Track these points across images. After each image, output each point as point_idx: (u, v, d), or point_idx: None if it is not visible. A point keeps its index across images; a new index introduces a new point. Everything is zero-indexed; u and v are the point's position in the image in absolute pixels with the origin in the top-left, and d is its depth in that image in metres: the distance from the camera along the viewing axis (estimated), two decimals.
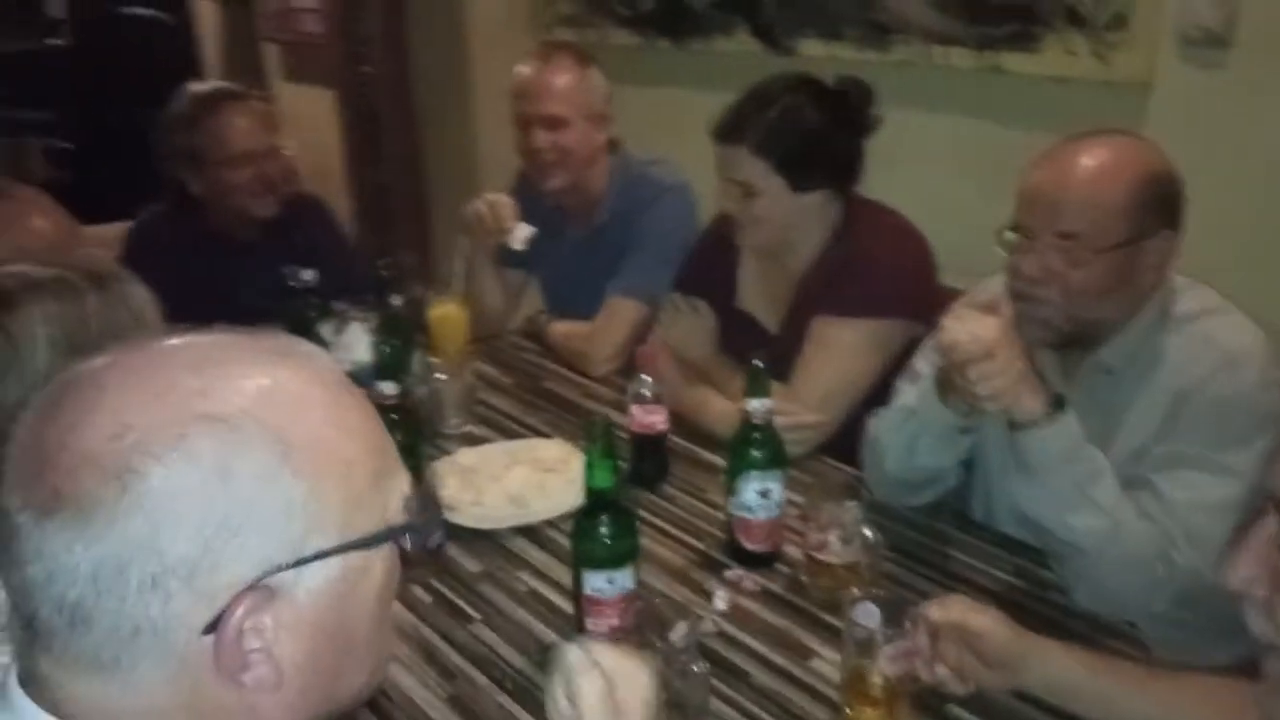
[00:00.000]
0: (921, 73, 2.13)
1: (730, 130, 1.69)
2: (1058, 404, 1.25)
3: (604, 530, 1.19)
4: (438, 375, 1.81)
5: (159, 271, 2.25)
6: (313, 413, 0.63)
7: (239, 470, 0.58)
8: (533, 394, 1.99)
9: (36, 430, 0.59)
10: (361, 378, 1.70)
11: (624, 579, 1.20)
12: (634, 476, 1.64)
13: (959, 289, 1.56)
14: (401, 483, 0.68)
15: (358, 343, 1.85)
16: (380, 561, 0.66)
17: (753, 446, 1.38)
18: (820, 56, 2.21)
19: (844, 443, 1.64)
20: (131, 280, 1.05)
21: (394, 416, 1.45)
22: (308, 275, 1.91)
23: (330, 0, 3.56)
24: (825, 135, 1.70)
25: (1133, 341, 1.35)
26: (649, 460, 1.64)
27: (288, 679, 0.62)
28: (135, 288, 1.03)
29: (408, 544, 0.69)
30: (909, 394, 1.47)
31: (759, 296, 1.89)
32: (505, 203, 2.09)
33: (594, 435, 1.17)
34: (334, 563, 0.62)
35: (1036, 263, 1.31)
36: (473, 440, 1.78)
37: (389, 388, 1.46)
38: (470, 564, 1.45)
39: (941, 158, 2.16)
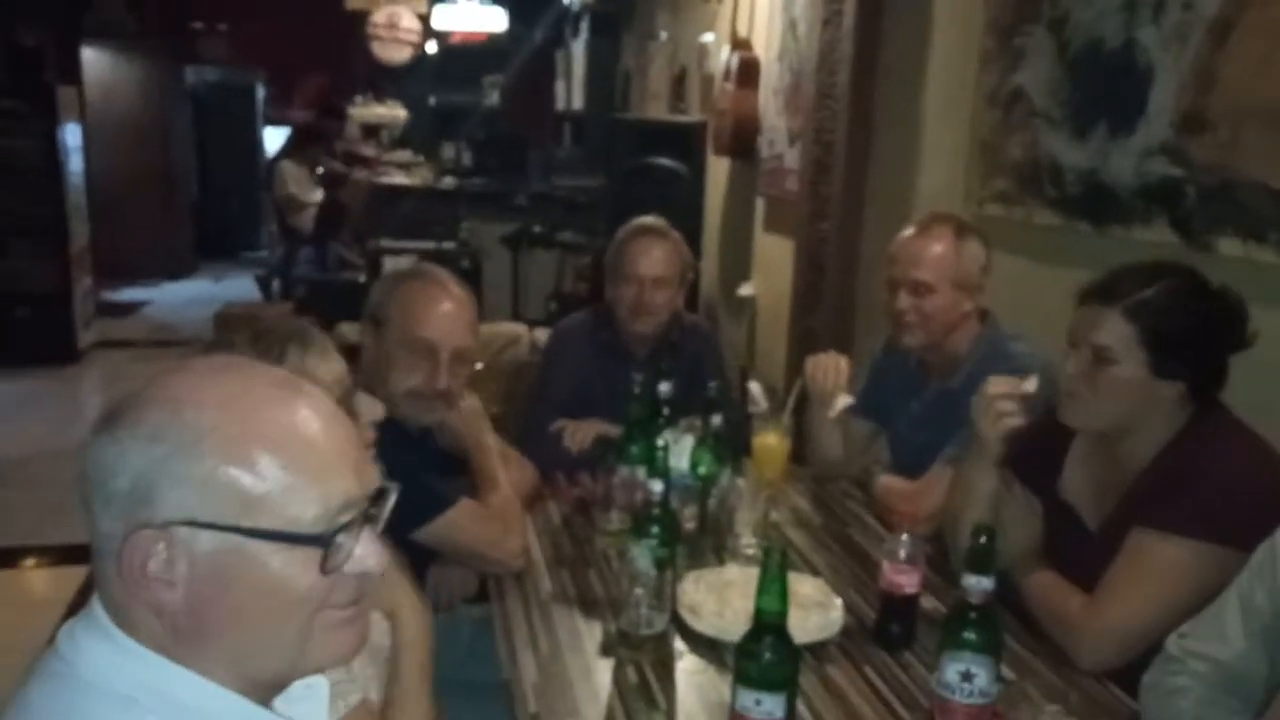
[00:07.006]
0: None
1: (1104, 292, 1.62)
2: None
3: (761, 651, 1.25)
4: (739, 496, 1.95)
5: (569, 365, 2.68)
6: (255, 415, 0.78)
7: (162, 440, 0.76)
8: (832, 537, 2.04)
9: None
10: (676, 482, 1.93)
11: (772, 704, 1.24)
12: (878, 635, 1.63)
13: None
14: (315, 507, 0.77)
15: (684, 452, 2.06)
16: (277, 561, 0.77)
17: (964, 626, 1.33)
18: (1237, 257, 2.01)
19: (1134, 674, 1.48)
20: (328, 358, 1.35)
21: (655, 512, 1.64)
22: (664, 387, 2.17)
23: (807, 164, 3.95)
24: (1201, 328, 1.58)
25: None
26: (895, 621, 1.62)
27: (174, 619, 0.77)
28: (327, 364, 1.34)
29: (321, 561, 0.78)
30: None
31: (1084, 489, 1.76)
32: (841, 370, 2.18)
33: (769, 560, 1.24)
34: (224, 537, 0.75)
35: None
36: (756, 563, 1.88)
37: (656, 486, 1.64)
38: (687, 663, 1.56)
39: None
